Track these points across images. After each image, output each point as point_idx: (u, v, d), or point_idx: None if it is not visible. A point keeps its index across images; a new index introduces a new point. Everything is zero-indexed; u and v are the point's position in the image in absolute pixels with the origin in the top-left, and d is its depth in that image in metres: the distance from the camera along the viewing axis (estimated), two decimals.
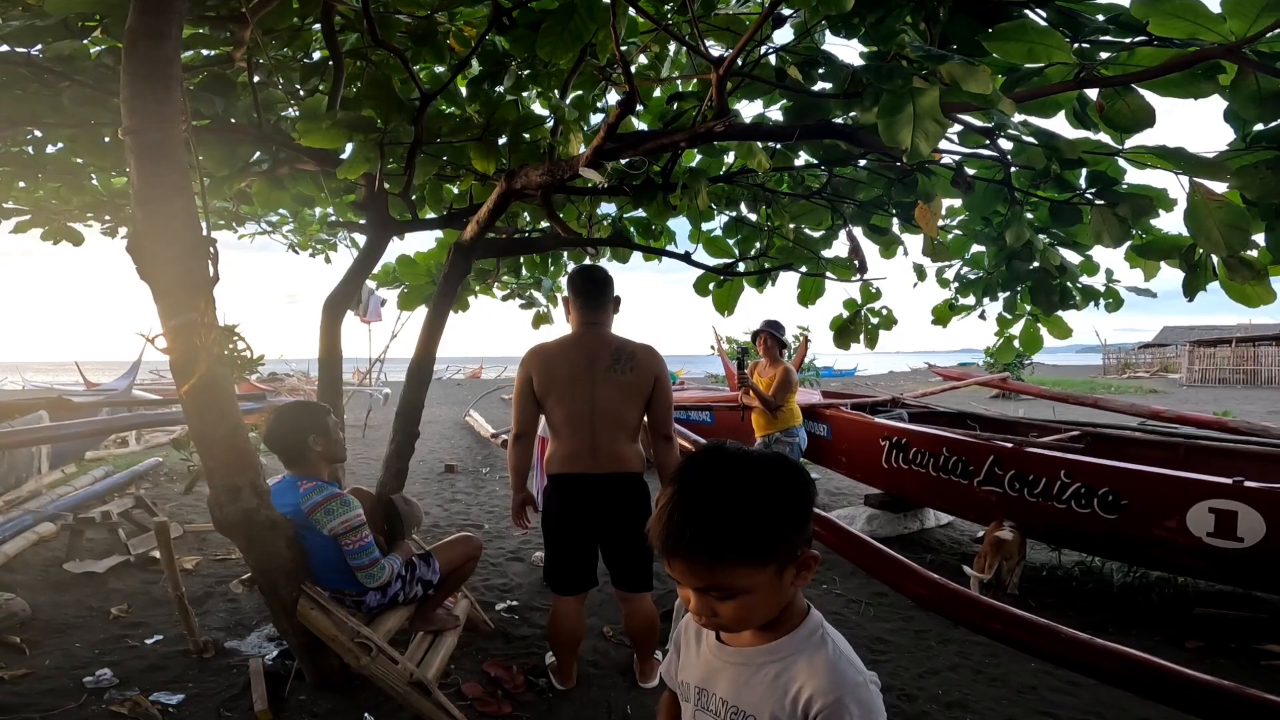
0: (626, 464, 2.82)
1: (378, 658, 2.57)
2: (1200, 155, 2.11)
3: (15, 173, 3.73)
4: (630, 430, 2.83)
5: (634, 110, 2.43)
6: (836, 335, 4.11)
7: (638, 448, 2.89)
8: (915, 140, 1.90)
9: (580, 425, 2.79)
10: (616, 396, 2.79)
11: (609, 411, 2.79)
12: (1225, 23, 1.73)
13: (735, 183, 3.81)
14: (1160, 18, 1.81)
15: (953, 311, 3.88)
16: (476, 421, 12.32)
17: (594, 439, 2.79)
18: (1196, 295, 2.56)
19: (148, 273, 1.97)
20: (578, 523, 2.86)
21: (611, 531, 2.86)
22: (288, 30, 2.95)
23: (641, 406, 2.84)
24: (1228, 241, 2.13)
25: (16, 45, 2.60)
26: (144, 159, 1.95)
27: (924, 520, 5.77)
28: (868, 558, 2.72)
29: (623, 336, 2.93)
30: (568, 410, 2.80)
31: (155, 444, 9.74)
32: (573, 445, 2.81)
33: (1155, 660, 1.85)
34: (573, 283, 2.94)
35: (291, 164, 3.74)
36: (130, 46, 1.95)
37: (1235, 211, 2.11)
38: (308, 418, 2.77)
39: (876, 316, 4.00)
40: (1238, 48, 1.74)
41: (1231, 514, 3.53)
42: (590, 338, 2.86)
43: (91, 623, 3.66)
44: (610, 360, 2.80)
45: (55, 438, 5.87)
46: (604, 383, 2.79)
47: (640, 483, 2.88)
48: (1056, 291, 3.30)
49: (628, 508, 2.83)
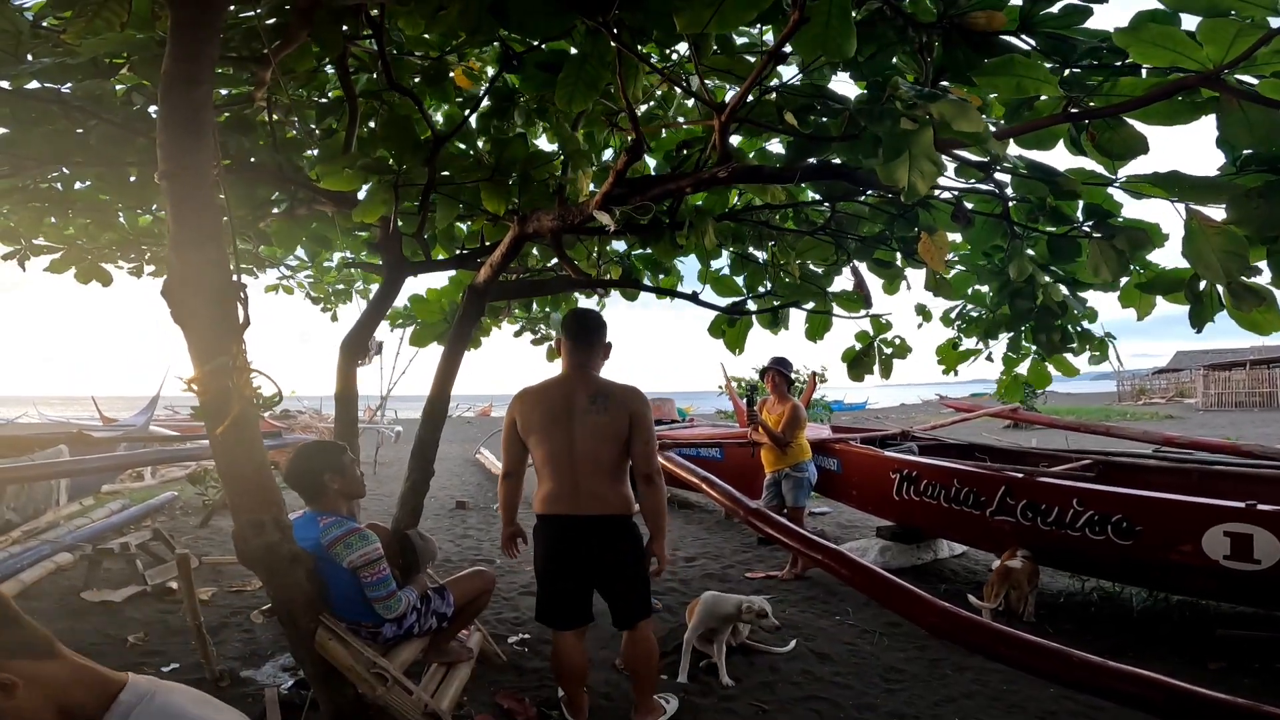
0: (608, 506, 2.82)
1: (393, 688, 2.60)
2: (1195, 178, 2.11)
3: (45, 209, 3.81)
4: (610, 471, 2.82)
5: (641, 157, 2.52)
6: (850, 367, 4.14)
7: (623, 490, 2.87)
8: (912, 179, 1.97)
9: (560, 466, 2.82)
10: (593, 438, 2.79)
11: (587, 453, 2.80)
12: (1203, 49, 1.76)
13: (741, 220, 3.90)
14: (1140, 46, 1.85)
15: (957, 353, 3.91)
16: (487, 459, 12.35)
17: (575, 479, 2.81)
18: (1204, 326, 2.53)
19: (182, 317, 2.04)
20: (563, 563, 2.89)
21: (598, 572, 2.88)
22: (306, 72, 3.06)
23: (620, 447, 2.82)
24: (1226, 269, 2.12)
25: (48, 82, 2.66)
26: (179, 204, 2.03)
27: (937, 551, 5.75)
28: (878, 589, 2.75)
29: (607, 379, 2.94)
30: (547, 451, 2.84)
31: (171, 478, 9.82)
32: (553, 486, 2.84)
33: (1173, 682, 1.86)
34: (565, 325, 2.99)
35: (309, 204, 3.85)
36: (166, 91, 2.01)
37: (1232, 238, 2.10)
38: (323, 457, 2.85)
39: (890, 346, 4.03)
40: (1217, 74, 1.78)
41: (1247, 537, 3.56)
42: (573, 379, 2.89)
43: (108, 650, 3.70)
44: (588, 401, 2.82)
45: (76, 472, 5.96)
46: (581, 424, 2.80)
47: (624, 524, 2.87)
48: (1058, 331, 3.34)
49: (611, 549, 2.85)
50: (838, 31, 1.85)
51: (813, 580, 5.13)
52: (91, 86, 2.69)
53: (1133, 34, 1.83)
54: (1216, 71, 1.78)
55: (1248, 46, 1.68)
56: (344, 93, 3.14)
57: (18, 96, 2.70)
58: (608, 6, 2.08)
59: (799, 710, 3.20)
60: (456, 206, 3.36)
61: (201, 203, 2.06)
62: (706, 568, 5.61)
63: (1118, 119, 2.13)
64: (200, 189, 2.07)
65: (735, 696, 3.31)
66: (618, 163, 2.46)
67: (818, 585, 5.02)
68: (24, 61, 2.34)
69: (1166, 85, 1.92)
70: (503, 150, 3.14)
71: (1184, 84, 1.86)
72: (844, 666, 3.66)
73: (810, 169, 2.63)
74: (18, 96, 2.70)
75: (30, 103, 2.74)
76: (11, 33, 2.21)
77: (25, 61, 2.34)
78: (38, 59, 2.40)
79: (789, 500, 5.40)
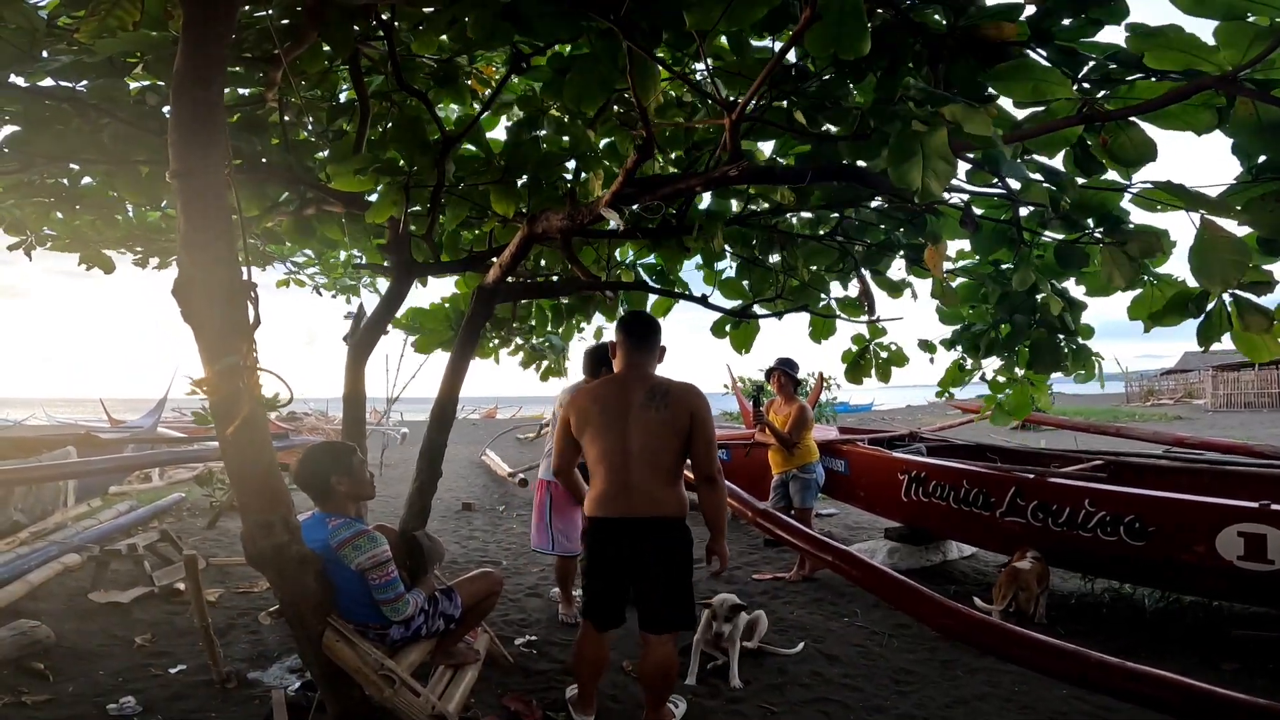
0: (662, 507, 2.75)
1: (400, 690, 2.59)
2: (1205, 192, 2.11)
3: (53, 205, 3.83)
4: (666, 471, 2.76)
5: (651, 156, 2.51)
6: (848, 370, 4.16)
7: (678, 491, 2.80)
8: (926, 180, 1.96)
9: (614, 464, 2.76)
10: (650, 435, 2.73)
11: (643, 451, 2.73)
12: (1219, 53, 1.76)
13: (748, 225, 3.90)
14: (1156, 50, 1.86)
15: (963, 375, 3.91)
16: (493, 461, 12.35)
17: (627, 478, 2.74)
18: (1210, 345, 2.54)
19: (192, 316, 2.04)
20: (611, 567, 2.84)
21: (643, 574, 2.80)
22: (317, 73, 3.07)
23: (678, 446, 2.75)
24: (1224, 277, 2.11)
25: (63, 80, 2.67)
26: (190, 203, 2.03)
27: (946, 552, 5.72)
28: (890, 590, 2.74)
29: (664, 377, 2.89)
30: (600, 448, 2.79)
31: (178, 480, 9.84)
32: (606, 486, 2.78)
33: (1190, 681, 1.85)
34: (621, 324, 2.97)
35: (319, 205, 3.85)
36: (178, 91, 2.01)
37: (1237, 245, 2.09)
38: (332, 458, 2.84)
39: (886, 351, 4.04)
40: (1233, 77, 1.78)
41: (1260, 537, 3.55)
42: (629, 377, 2.85)
43: (115, 651, 3.71)
44: (644, 398, 2.76)
45: (85, 473, 5.97)
46: (637, 421, 2.75)
47: (678, 527, 2.81)
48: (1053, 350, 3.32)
49: (662, 552, 2.78)
50: (851, 29, 1.85)
51: (820, 582, 5.11)
52: (106, 85, 2.69)
53: (1148, 38, 1.83)
54: (1233, 74, 1.78)
55: (1264, 49, 1.68)
56: (356, 93, 3.14)
57: (31, 94, 2.70)
58: (619, 5, 2.07)
59: (808, 713, 3.18)
60: (466, 207, 3.36)
61: (213, 202, 2.07)
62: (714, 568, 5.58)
63: (1130, 123, 2.13)
64: (212, 188, 2.07)
65: (743, 699, 3.30)
66: (628, 161, 2.45)
67: (825, 587, 5.00)
68: (38, 59, 2.35)
69: (1183, 87, 1.91)
70: (514, 152, 3.14)
71: (1200, 85, 1.86)
72: (853, 668, 3.64)
73: (821, 170, 2.62)
74: (31, 94, 2.70)
75: (43, 101, 2.75)
76: (26, 30, 2.21)
77: (40, 59, 2.35)
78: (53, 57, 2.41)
79: (796, 501, 5.38)
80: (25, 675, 3.31)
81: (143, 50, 2.50)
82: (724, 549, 2.91)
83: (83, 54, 2.42)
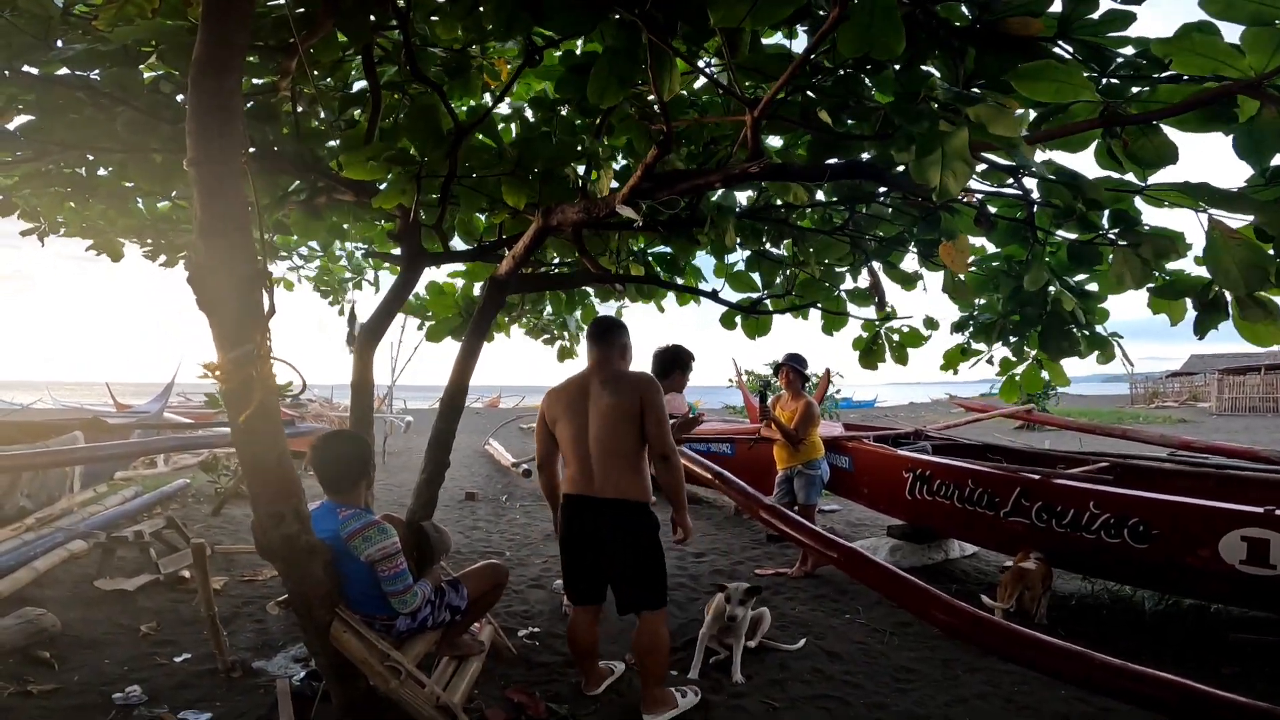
0: (625, 492, 2.99)
1: (406, 681, 2.60)
2: (1221, 189, 2.11)
3: (67, 194, 3.86)
4: (626, 456, 2.99)
5: (670, 151, 2.50)
6: (862, 357, 4.15)
7: (640, 478, 3.02)
8: (944, 180, 1.95)
9: (579, 451, 3.03)
10: (606, 421, 2.98)
11: (603, 438, 2.98)
12: (1245, 58, 1.76)
13: (760, 219, 3.88)
14: (1182, 54, 1.86)
15: (964, 356, 3.90)
16: (496, 450, 12.36)
17: (593, 465, 3.01)
18: (1207, 334, 2.57)
19: (207, 304, 2.04)
20: (579, 540, 3.11)
21: (608, 553, 3.04)
22: (330, 62, 3.07)
23: (634, 430, 2.97)
24: (1247, 280, 2.14)
25: (77, 69, 2.69)
26: (206, 192, 2.02)
27: (948, 551, 5.73)
28: (894, 587, 2.74)
29: (622, 369, 3.13)
30: (568, 436, 3.07)
31: (183, 466, 9.88)
32: (576, 469, 3.06)
33: (1198, 686, 1.85)
34: (588, 330, 3.23)
35: (329, 194, 3.85)
36: (196, 79, 2.01)
37: (1255, 250, 2.12)
38: (366, 449, 2.89)
39: (898, 334, 4.03)
40: (1259, 83, 1.78)
41: (1264, 542, 3.54)
42: (591, 373, 3.12)
43: (121, 639, 3.72)
44: (600, 387, 3.04)
45: (91, 459, 5.98)
46: (595, 410, 3.02)
47: (641, 511, 3.02)
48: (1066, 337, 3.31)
49: (624, 534, 3.01)
50: (883, 29, 1.82)
51: (822, 578, 5.12)
52: (120, 74, 2.69)
53: (1175, 42, 1.83)
54: (1259, 80, 1.77)
55: None
56: (368, 83, 3.13)
57: (45, 83, 2.70)
58: None
59: (809, 709, 3.19)
60: (480, 199, 3.36)
61: (229, 190, 2.06)
62: (715, 564, 5.60)
63: (1152, 126, 2.12)
64: (228, 176, 2.07)
65: (746, 694, 3.31)
66: (647, 156, 2.44)
67: (828, 583, 5.01)
68: (53, 48, 2.34)
69: (1207, 92, 1.91)
70: (526, 145, 3.14)
71: (1226, 90, 1.86)
72: (855, 665, 3.65)
73: (839, 168, 2.61)
74: (45, 83, 2.70)
75: (58, 89, 2.74)
76: (41, 18, 2.20)
77: (55, 48, 2.34)
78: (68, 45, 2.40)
79: (801, 498, 5.38)
80: (31, 664, 3.33)
81: (159, 39, 2.49)
82: (686, 520, 3.11)
83: (97, 42, 2.42)
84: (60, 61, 2.50)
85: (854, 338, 4.18)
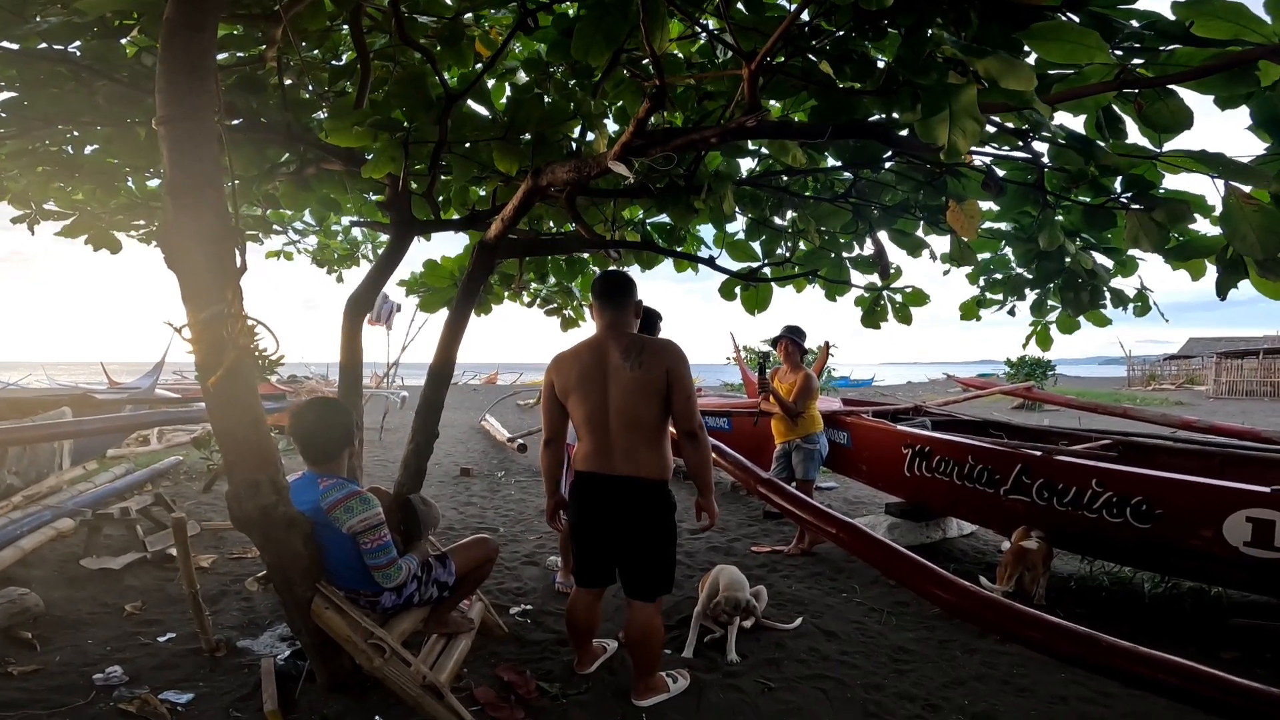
0: (643, 468, 2.77)
1: (391, 660, 2.54)
2: (1237, 160, 2.07)
3: (54, 173, 3.78)
4: (648, 431, 2.77)
5: (664, 105, 2.38)
6: (864, 317, 4.08)
7: (660, 454, 2.81)
8: (953, 138, 1.86)
9: (597, 425, 2.79)
10: (629, 394, 2.74)
11: (623, 411, 2.75)
12: (1269, 24, 1.74)
13: (760, 185, 3.77)
14: (1204, 19, 1.81)
15: (981, 307, 3.83)
16: (492, 426, 12.33)
17: (610, 439, 2.78)
18: (1228, 293, 2.56)
19: (176, 262, 1.95)
20: (593, 520, 2.89)
21: (622, 535, 2.85)
22: (318, 32, 2.96)
23: (658, 403, 2.75)
24: (1264, 244, 2.10)
25: (54, 42, 2.61)
26: (176, 149, 1.95)
27: (946, 529, 5.67)
28: (894, 565, 2.67)
29: (641, 335, 2.91)
30: (585, 410, 2.81)
31: (176, 443, 9.82)
32: (591, 445, 2.83)
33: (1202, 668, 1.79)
34: (594, 286, 2.98)
35: (318, 164, 3.74)
36: (167, 37, 1.95)
37: (1272, 215, 2.08)
38: (348, 417, 2.78)
39: (900, 294, 3.95)
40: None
41: (1269, 523, 3.46)
42: (606, 338, 2.86)
43: (105, 619, 3.66)
44: (621, 358, 2.77)
45: (77, 433, 5.90)
46: (615, 381, 2.77)
47: (659, 490, 2.82)
48: (1086, 290, 3.24)
49: (640, 514, 2.81)
50: None
51: (819, 556, 5.07)
52: (100, 46, 2.63)
53: (1195, 7, 1.79)
54: None
55: None
56: (356, 51, 3.02)
57: (24, 58, 2.64)
58: None
59: (805, 689, 3.14)
60: (472, 167, 3.25)
61: (199, 147, 1.98)
62: (711, 540, 5.54)
63: (1168, 90, 2.06)
64: (200, 133, 2.00)
65: (741, 673, 3.25)
66: (639, 111, 2.33)
67: (824, 561, 4.96)
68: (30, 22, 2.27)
69: (1230, 56, 1.85)
70: (517, 109, 3.03)
71: (1250, 55, 1.81)
72: (851, 645, 3.60)
73: (840, 127, 2.50)
74: (24, 58, 2.64)
75: (38, 64, 2.68)
76: None
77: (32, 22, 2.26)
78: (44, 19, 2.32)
79: (799, 473, 5.31)
80: (13, 644, 3.27)
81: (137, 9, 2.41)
82: (713, 505, 2.90)
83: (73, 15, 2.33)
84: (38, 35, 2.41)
85: (856, 296, 4.11)
